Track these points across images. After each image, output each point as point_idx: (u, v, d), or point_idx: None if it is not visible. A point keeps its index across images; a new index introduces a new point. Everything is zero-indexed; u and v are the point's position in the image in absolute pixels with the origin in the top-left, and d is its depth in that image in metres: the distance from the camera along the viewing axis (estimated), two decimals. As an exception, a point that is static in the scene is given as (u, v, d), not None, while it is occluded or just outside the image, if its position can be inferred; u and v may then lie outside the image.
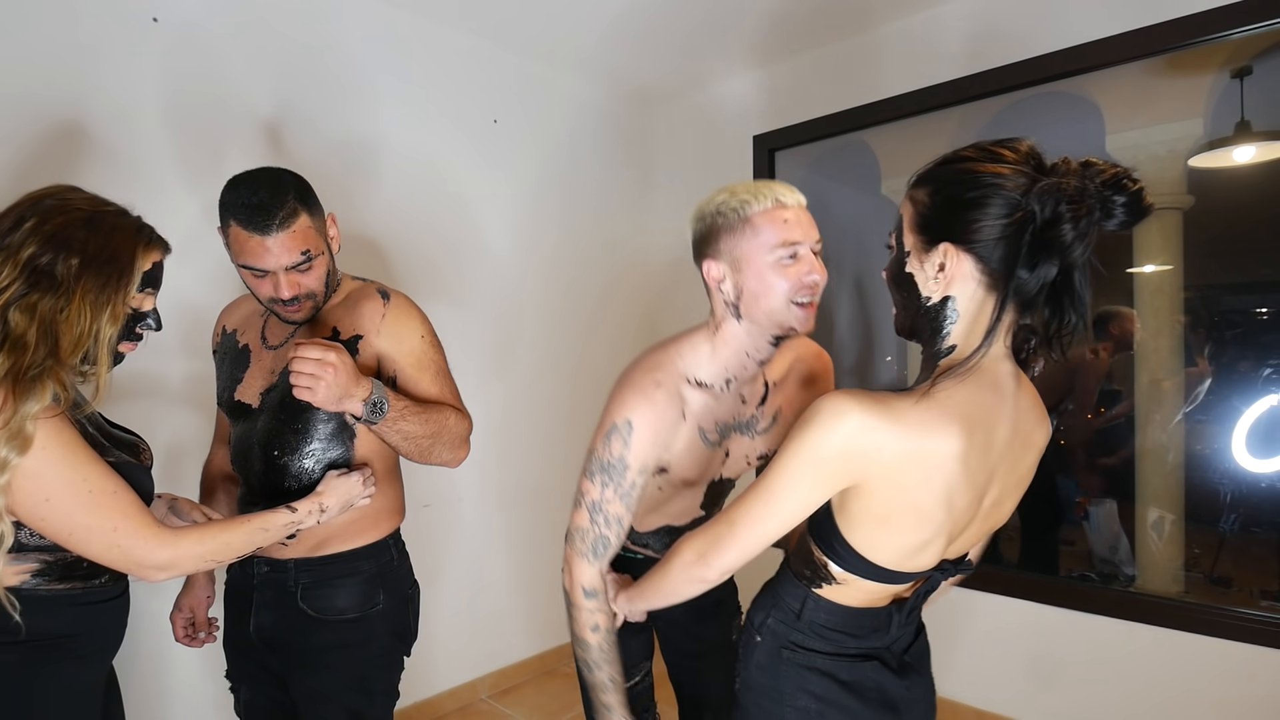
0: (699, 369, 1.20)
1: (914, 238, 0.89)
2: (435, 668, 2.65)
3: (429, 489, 2.58)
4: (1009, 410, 0.88)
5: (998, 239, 0.82)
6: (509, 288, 2.87)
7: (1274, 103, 2.10)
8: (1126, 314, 2.41)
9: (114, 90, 1.91)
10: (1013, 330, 0.88)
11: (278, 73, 2.21)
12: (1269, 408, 2.13)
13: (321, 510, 1.20)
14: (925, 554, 0.91)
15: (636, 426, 1.14)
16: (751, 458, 1.34)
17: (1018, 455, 0.93)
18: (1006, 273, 0.82)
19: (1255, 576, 2.21)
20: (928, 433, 0.82)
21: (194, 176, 2.04)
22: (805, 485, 0.86)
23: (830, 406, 0.82)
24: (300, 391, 1.13)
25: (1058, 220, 0.78)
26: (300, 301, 1.24)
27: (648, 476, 1.20)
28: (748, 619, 1.07)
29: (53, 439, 0.95)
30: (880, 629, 0.99)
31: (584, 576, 1.19)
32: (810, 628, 0.99)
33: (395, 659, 1.39)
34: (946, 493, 0.85)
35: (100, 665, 1.12)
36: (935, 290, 0.87)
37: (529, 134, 2.94)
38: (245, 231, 1.17)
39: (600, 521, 1.18)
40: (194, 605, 1.47)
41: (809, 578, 0.99)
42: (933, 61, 2.56)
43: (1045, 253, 0.80)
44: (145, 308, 1.11)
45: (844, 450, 0.83)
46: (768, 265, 1.10)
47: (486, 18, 2.57)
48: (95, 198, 1.07)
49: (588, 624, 1.20)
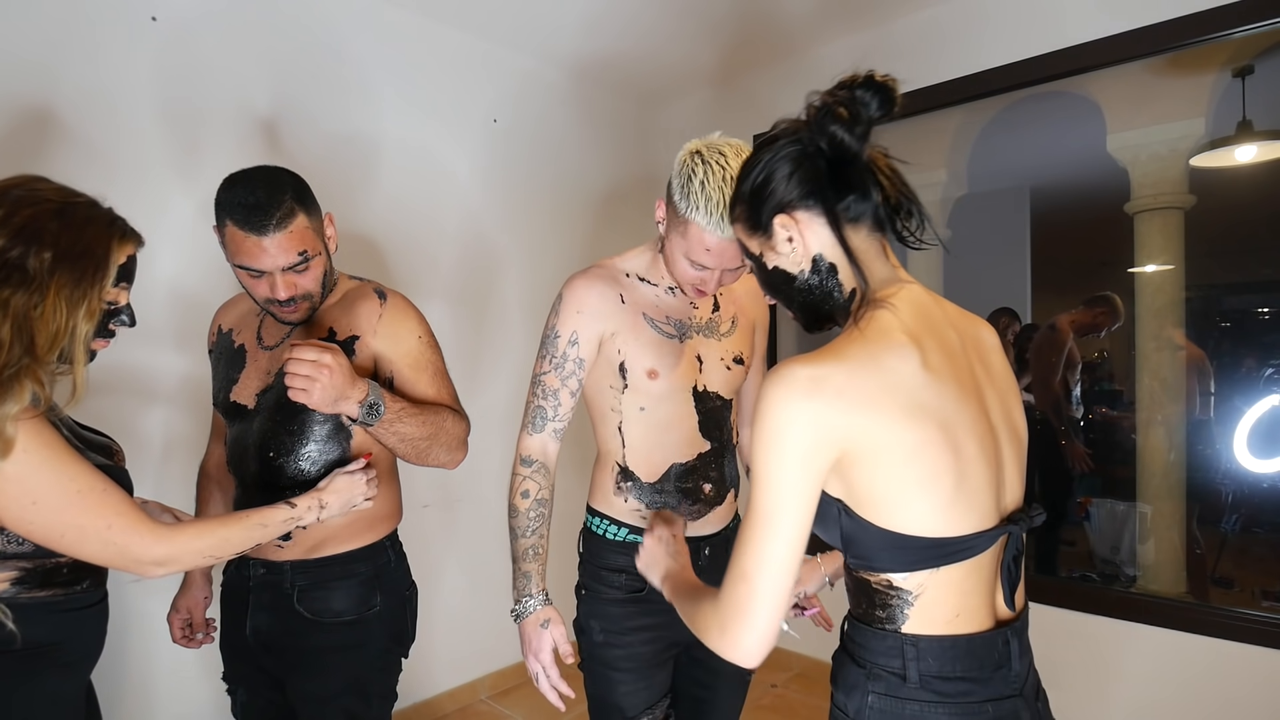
0: (639, 268, 1.34)
1: (756, 240, 0.92)
2: (434, 669, 2.65)
3: (428, 489, 2.57)
4: (940, 317, 0.87)
5: (804, 180, 0.85)
6: (507, 287, 2.87)
7: (1276, 102, 2.10)
8: (1105, 300, 2.49)
9: (113, 89, 1.91)
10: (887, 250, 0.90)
11: (275, 71, 2.21)
12: (1270, 408, 2.12)
13: (321, 507, 1.18)
14: (970, 497, 0.79)
15: (564, 298, 1.30)
16: (727, 359, 1.36)
17: (983, 356, 0.90)
18: (833, 198, 0.85)
19: (1257, 577, 2.20)
20: (878, 352, 0.78)
21: (193, 175, 2.04)
22: (797, 478, 0.76)
23: (774, 379, 0.77)
24: (295, 393, 1.12)
25: (837, 138, 0.83)
26: (296, 302, 1.23)
27: (586, 352, 1.28)
28: (836, 706, 0.87)
29: (34, 440, 0.92)
30: (1002, 664, 0.82)
31: (522, 446, 1.32)
32: (925, 686, 0.79)
33: (392, 661, 1.38)
34: (931, 409, 0.78)
35: (83, 673, 1.10)
36: (803, 259, 0.88)
37: (529, 133, 2.93)
38: (241, 231, 1.15)
39: (538, 393, 1.30)
40: (191, 606, 1.47)
41: (885, 617, 0.82)
42: (933, 61, 2.55)
43: (851, 168, 0.84)
44: (120, 302, 1.07)
45: (809, 410, 0.75)
46: (679, 254, 1.22)
47: (486, 17, 2.56)
48: (64, 188, 1.02)
49: (519, 489, 1.30)
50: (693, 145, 1.19)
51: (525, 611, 1.27)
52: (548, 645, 1.26)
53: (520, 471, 1.31)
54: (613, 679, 1.30)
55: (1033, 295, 2.82)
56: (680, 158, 1.19)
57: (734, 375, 1.37)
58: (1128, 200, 2.31)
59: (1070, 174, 2.62)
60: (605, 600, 1.32)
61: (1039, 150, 2.69)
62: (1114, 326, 2.51)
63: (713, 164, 1.15)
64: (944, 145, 2.67)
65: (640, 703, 1.30)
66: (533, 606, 1.27)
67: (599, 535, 1.36)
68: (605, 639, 1.31)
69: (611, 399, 1.34)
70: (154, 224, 1.97)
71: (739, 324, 1.40)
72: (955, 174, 2.70)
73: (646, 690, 1.31)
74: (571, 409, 1.32)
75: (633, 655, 1.30)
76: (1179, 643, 2.10)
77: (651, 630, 1.31)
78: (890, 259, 0.90)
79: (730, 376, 1.37)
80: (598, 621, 1.32)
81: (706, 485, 1.34)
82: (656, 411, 1.31)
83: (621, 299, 1.30)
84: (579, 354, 1.29)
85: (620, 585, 1.32)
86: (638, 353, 1.29)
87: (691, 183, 1.15)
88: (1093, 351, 2.65)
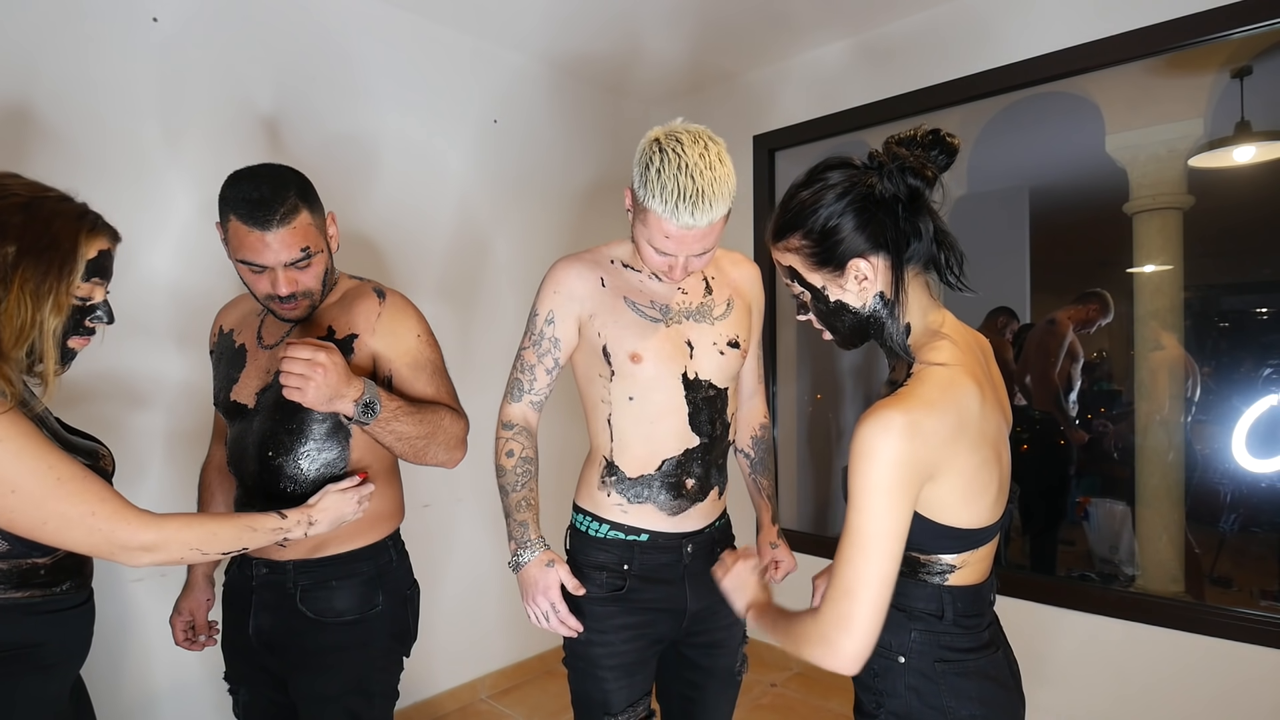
0: (625, 254, 1.37)
1: (820, 274, 1.00)
2: (435, 668, 2.65)
3: (428, 489, 2.58)
4: (971, 340, 1.03)
5: (877, 231, 0.95)
6: (507, 287, 2.87)
7: (1274, 102, 2.10)
8: (1096, 295, 2.57)
9: (113, 89, 1.91)
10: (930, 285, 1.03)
11: (276, 71, 2.21)
12: (1269, 408, 2.13)
13: (310, 524, 1.17)
14: (1001, 492, 0.99)
15: (546, 279, 1.35)
16: (720, 343, 1.35)
17: (990, 364, 1.07)
18: (905, 246, 0.97)
19: (1255, 576, 2.21)
20: (956, 395, 0.91)
21: (194, 175, 2.04)
22: (895, 505, 0.87)
23: (874, 423, 0.87)
24: (289, 392, 1.12)
25: (915, 190, 0.94)
26: (297, 299, 1.23)
27: (563, 332, 1.32)
28: (877, 645, 0.94)
29: (8, 430, 0.90)
30: (992, 601, 1.05)
31: (503, 413, 1.38)
32: (957, 623, 0.98)
33: (394, 660, 1.39)
34: (989, 436, 0.95)
35: (66, 675, 1.08)
36: (867, 298, 0.99)
37: (529, 134, 2.94)
38: (245, 226, 1.16)
39: (517, 367, 1.37)
40: (194, 608, 1.47)
41: (927, 578, 0.99)
42: (933, 61, 2.56)
43: (920, 216, 0.96)
44: (95, 299, 1.04)
45: (906, 451, 0.86)
46: (643, 241, 1.24)
47: (486, 17, 2.57)
48: (34, 183, 0.99)
49: (503, 450, 1.36)
50: (653, 133, 1.19)
51: (526, 558, 1.30)
52: (555, 582, 1.28)
53: (503, 435, 1.37)
54: (596, 676, 1.31)
55: (1032, 295, 2.82)
56: (641, 145, 1.20)
57: (729, 360, 1.36)
58: (1126, 200, 2.32)
59: (1069, 174, 2.63)
60: (588, 599, 1.32)
61: (1038, 151, 2.70)
62: (1104, 322, 2.55)
63: (669, 152, 1.14)
64: (943, 145, 2.67)
65: (623, 700, 1.31)
66: (534, 550, 1.30)
67: (583, 532, 1.37)
68: (588, 637, 1.31)
69: (601, 389, 1.34)
70: (154, 223, 1.99)
71: (735, 306, 1.39)
72: (955, 174, 2.71)
73: (629, 688, 1.32)
74: (548, 385, 1.37)
75: (615, 653, 1.31)
76: (1177, 642, 2.11)
77: (634, 629, 1.32)
78: (930, 290, 1.02)
79: (725, 362, 1.35)
80: (581, 619, 1.33)
81: (689, 480, 1.33)
82: (646, 402, 1.31)
83: (602, 282, 1.33)
84: (555, 333, 1.33)
85: (601, 583, 1.32)
86: (618, 335, 1.30)
87: (649, 171, 1.16)
88: (1092, 351, 2.66)
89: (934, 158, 0.95)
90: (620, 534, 1.33)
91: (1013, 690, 1.02)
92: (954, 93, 2.50)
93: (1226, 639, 2.02)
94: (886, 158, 0.95)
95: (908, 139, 0.96)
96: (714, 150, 1.17)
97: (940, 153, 0.95)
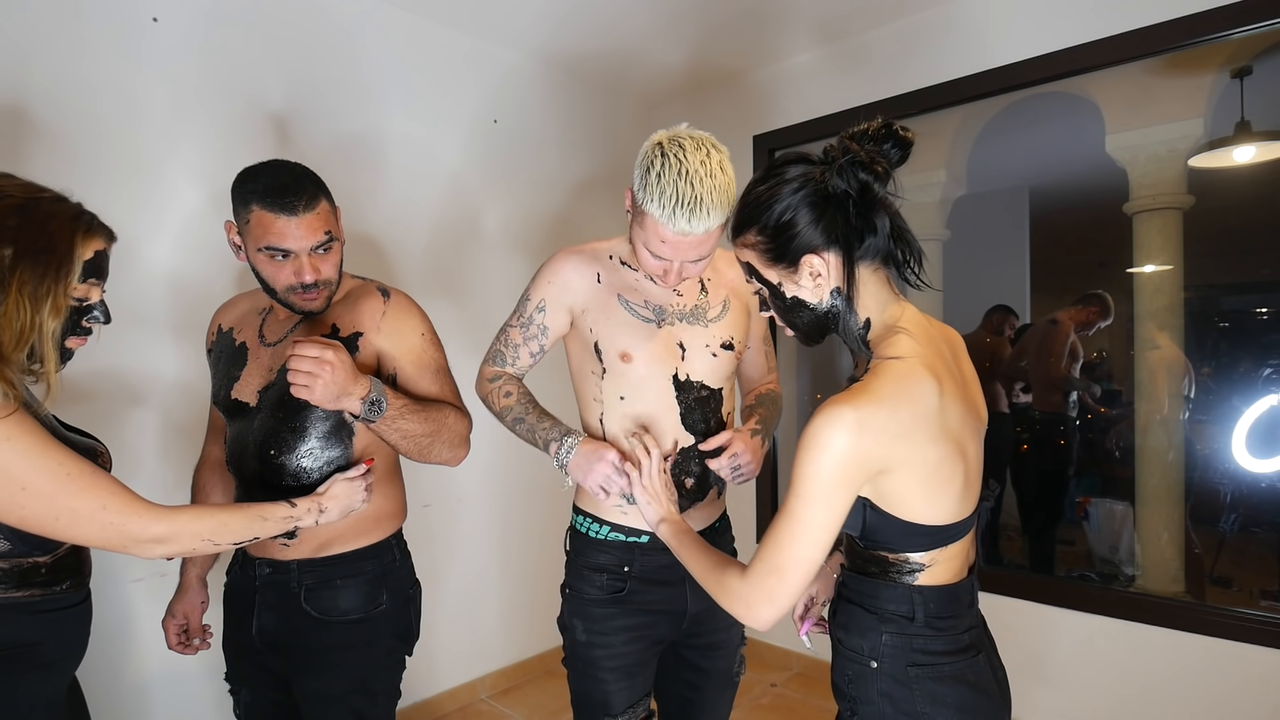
0: (624, 252, 1.36)
1: (775, 271, 1.00)
2: (436, 668, 2.65)
3: (429, 489, 2.57)
4: (935, 334, 1.01)
5: (830, 227, 0.94)
6: (509, 287, 2.87)
7: (1274, 102, 2.10)
8: (1098, 298, 2.58)
9: (114, 90, 1.90)
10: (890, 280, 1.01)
11: (276, 70, 2.21)
12: (1269, 408, 2.13)
13: (320, 511, 1.18)
14: (970, 489, 0.98)
15: (544, 267, 1.36)
16: (714, 345, 1.34)
17: (959, 359, 1.06)
18: (856, 241, 0.95)
19: (1255, 576, 2.21)
20: (909, 388, 0.90)
21: (193, 175, 2.03)
22: (835, 497, 0.89)
23: (824, 418, 0.87)
24: (297, 389, 1.13)
25: (867, 186, 0.93)
26: (319, 288, 1.24)
27: (552, 321, 1.34)
28: (849, 649, 1.00)
29: (15, 429, 0.91)
30: (971, 602, 1.02)
31: (484, 371, 1.42)
32: (929, 624, 0.96)
33: (397, 659, 1.39)
34: (950, 429, 0.93)
35: (63, 674, 1.09)
36: (823, 293, 0.98)
37: (529, 134, 2.94)
38: (270, 213, 1.17)
39: (501, 340, 1.40)
40: (188, 611, 1.45)
41: (897, 579, 0.98)
42: (932, 62, 2.56)
43: (874, 211, 0.94)
44: (92, 299, 1.04)
45: (852, 446, 0.87)
46: (640, 243, 1.23)
47: (486, 17, 2.57)
48: (29, 184, 0.99)
49: (499, 394, 1.38)
50: (657, 136, 1.19)
51: (572, 447, 1.29)
52: (608, 448, 1.27)
53: (491, 386, 1.39)
54: (596, 678, 1.31)
55: (1031, 296, 2.82)
56: (643, 148, 1.19)
57: (722, 362, 1.35)
58: (1126, 201, 2.32)
59: (1069, 174, 2.63)
60: (588, 600, 1.32)
61: (1038, 151, 2.70)
62: (1104, 324, 2.55)
63: (670, 157, 1.14)
64: (944, 146, 2.68)
65: (623, 701, 1.31)
66: (575, 436, 1.30)
67: (583, 534, 1.37)
68: (589, 639, 1.31)
69: (593, 387, 1.34)
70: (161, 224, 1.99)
71: (731, 307, 1.38)
72: (955, 174, 2.71)
73: (629, 689, 1.32)
74: (528, 366, 1.40)
75: (615, 654, 1.31)
76: (1177, 642, 2.11)
77: (634, 631, 1.32)
78: (891, 286, 1.00)
79: (718, 364, 1.34)
80: (581, 621, 1.33)
81: (688, 480, 1.33)
82: (637, 402, 1.31)
83: (598, 278, 1.33)
84: (544, 320, 1.34)
85: (601, 585, 1.32)
86: (609, 333, 1.30)
87: (649, 174, 1.16)
88: (1092, 352, 2.66)
89: (886, 151, 0.93)
90: (620, 535, 1.33)
91: (995, 697, 0.99)
92: (954, 93, 2.51)
93: (1227, 639, 2.03)
94: (839, 153, 0.94)
95: (860, 133, 0.94)
96: (716, 158, 1.17)
97: (893, 146, 0.93)
